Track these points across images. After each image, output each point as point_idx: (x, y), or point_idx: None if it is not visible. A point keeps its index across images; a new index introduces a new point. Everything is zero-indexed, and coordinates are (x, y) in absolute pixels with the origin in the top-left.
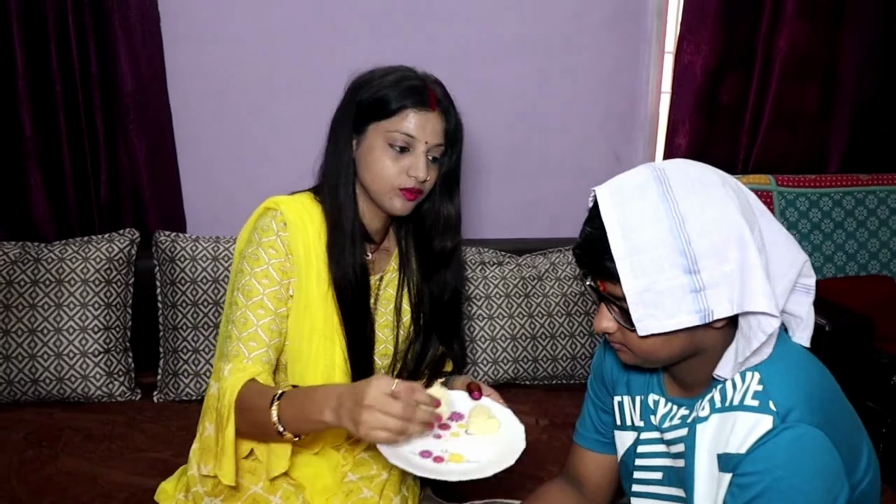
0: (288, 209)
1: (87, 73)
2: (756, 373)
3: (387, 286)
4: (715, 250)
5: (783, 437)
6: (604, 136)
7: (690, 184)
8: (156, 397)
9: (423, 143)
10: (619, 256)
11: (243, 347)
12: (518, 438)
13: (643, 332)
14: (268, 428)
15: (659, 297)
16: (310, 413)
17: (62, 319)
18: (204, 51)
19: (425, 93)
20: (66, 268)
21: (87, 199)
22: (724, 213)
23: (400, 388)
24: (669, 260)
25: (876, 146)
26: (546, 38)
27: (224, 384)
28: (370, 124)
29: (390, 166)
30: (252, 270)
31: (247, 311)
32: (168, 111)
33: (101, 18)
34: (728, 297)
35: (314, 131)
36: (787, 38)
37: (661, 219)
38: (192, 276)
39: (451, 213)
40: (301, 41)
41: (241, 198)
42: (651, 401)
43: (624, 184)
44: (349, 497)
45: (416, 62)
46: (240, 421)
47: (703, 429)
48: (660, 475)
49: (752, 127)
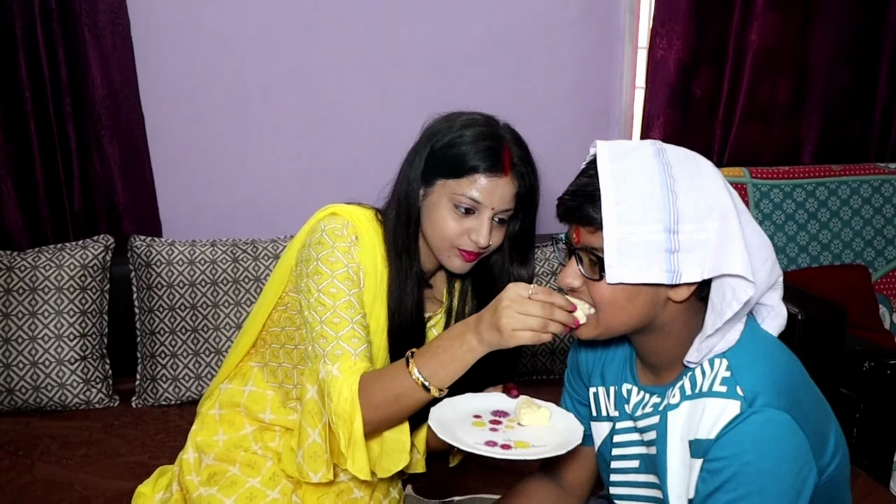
0: (360, 224)
1: (56, 79)
2: (724, 359)
3: (432, 327)
4: (698, 215)
5: (750, 422)
6: (579, 133)
7: (684, 156)
8: (134, 403)
9: (490, 208)
10: (607, 203)
11: (346, 346)
12: (573, 421)
13: (612, 280)
14: (409, 396)
15: (635, 248)
16: (454, 349)
17: (37, 328)
18: (176, 54)
19: (499, 155)
20: (40, 276)
21: (60, 206)
22: (712, 184)
23: (537, 290)
24: (654, 214)
25: (847, 137)
26: (519, 35)
27: (338, 383)
28: (439, 179)
29: (453, 227)
30: (333, 273)
31: (337, 311)
32: (140, 116)
33: (70, 24)
34: (700, 263)
35: (290, 132)
36: (759, 31)
37: (654, 174)
38: (168, 281)
39: (524, 277)
40: (274, 42)
41: (218, 201)
42: (625, 390)
43: (623, 143)
44: (340, 497)
45: (389, 61)
46: (368, 410)
47: (674, 416)
48: (636, 463)
49: (726, 120)
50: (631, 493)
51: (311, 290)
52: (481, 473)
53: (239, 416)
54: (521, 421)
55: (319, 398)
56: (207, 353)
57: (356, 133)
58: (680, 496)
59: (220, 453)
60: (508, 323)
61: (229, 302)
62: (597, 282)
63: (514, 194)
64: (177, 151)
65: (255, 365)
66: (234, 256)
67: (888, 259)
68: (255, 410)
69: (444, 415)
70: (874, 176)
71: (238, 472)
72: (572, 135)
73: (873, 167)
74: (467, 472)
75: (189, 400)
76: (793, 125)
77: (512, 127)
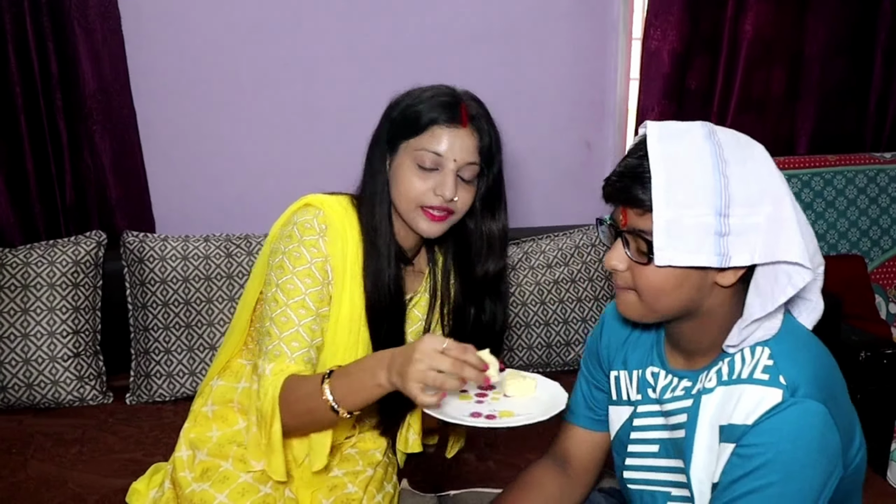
0: (331, 211)
1: (47, 74)
2: (766, 348)
3: (413, 307)
4: (749, 199)
5: (791, 412)
6: (574, 125)
7: (735, 139)
8: (128, 400)
9: (452, 161)
10: (657, 185)
11: (285, 347)
12: (557, 389)
13: (661, 262)
14: (319, 411)
15: (684, 230)
16: (365, 379)
17: (29, 325)
18: (167, 48)
19: (456, 109)
20: (32, 272)
21: (52, 202)
22: (765, 168)
23: (451, 346)
24: (704, 197)
25: (843, 127)
26: (512, 27)
27: (265, 383)
28: (401, 143)
29: (418, 185)
30: (294, 269)
31: (287, 310)
32: (132, 111)
33: (60, 18)
34: (750, 248)
35: (283, 126)
36: (753, 21)
37: (706, 156)
38: (161, 276)
39: (494, 232)
40: (266, 35)
41: (211, 196)
42: (650, 374)
43: (675, 124)
44: (333, 491)
45: (382, 53)
46: (286, 415)
47: (707, 400)
48: (656, 447)
49: (721, 111)
50: (646, 477)
51: (272, 283)
52: (477, 467)
53: (232, 412)
54: (506, 392)
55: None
56: (202, 349)
57: (349, 126)
58: (702, 480)
59: (214, 449)
60: (413, 374)
61: (223, 297)
62: (644, 265)
63: (475, 147)
64: (169, 146)
65: (246, 362)
66: (227, 251)
67: (884, 249)
68: (248, 405)
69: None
70: (869, 166)
71: (231, 468)
72: (566, 127)
73: (868, 157)
74: (463, 466)
75: (183, 396)
76: (788, 116)
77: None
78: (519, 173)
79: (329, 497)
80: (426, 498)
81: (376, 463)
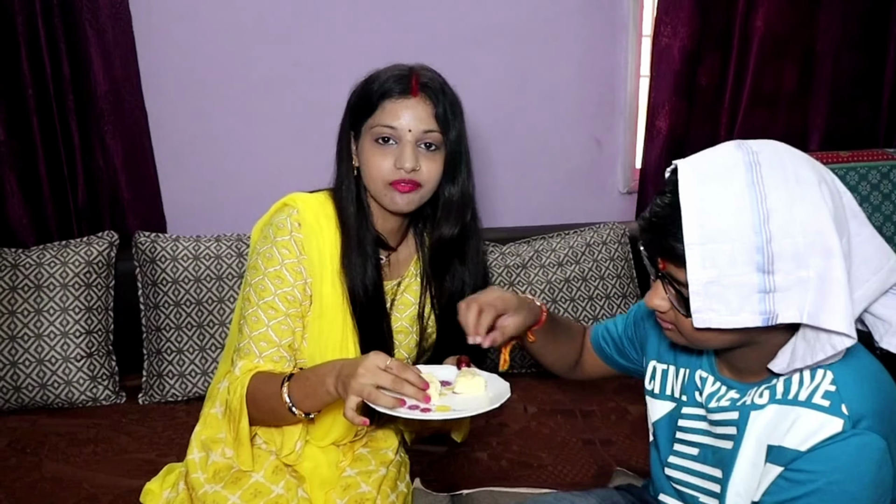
0: (305, 208)
1: (59, 75)
2: (829, 372)
3: (404, 291)
4: (796, 254)
5: (850, 443)
6: (584, 122)
7: (783, 177)
8: (141, 399)
9: (408, 131)
10: (691, 242)
11: (254, 347)
12: (504, 388)
13: (700, 325)
14: (281, 411)
15: (724, 290)
16: (316, 385)
17: (42, 325)
18: (178, 49)
19: (406, 80)
20: (45, 272)
21: (64, 203)
22: (814, 216)
23: (392, 364)
24: (744, 255)
25: (855, 123)
26: (522, 24)
27: (234, 380)
28: (363, 125)
29: (380, 162)
30: (265, 270)
31: (258, 311)
32: (144, 111)
33: (72, 20)
34: (798, 304)
35: (293, 125)
36: (764, 17)
37: (745, 210)
38: (173, 277)
39: (453, 196)
40: (276, 34)
41: (222, 196)
42: (698, 377)
43: (710, 162)
44: (347, 491)
45: (393, 51)
46: (254, 411)
47: (757, 416)
48: (696, 451)
49: (732, 107)
50: (683, 478)
51: (247, 282)
52: (490, 466)
53: None
54: (455, 389)
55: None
56: (213, 349)
57: None
58: (739, 494)
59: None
60: (353, 387)
61: (235, 297)
62: (685, 318)
63: (430, 115)
64: (180, 146)
65: None
66: (238, 251)
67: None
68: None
69: None
70: (883, 162)
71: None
72: (577, 125)
73: (882, 153)
74: (476, 465)
75: (196, 396)
76: (800, 111)
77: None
78: (528, 171)
79: (343, 497)
80: (439, 497)
81: (389, 462)
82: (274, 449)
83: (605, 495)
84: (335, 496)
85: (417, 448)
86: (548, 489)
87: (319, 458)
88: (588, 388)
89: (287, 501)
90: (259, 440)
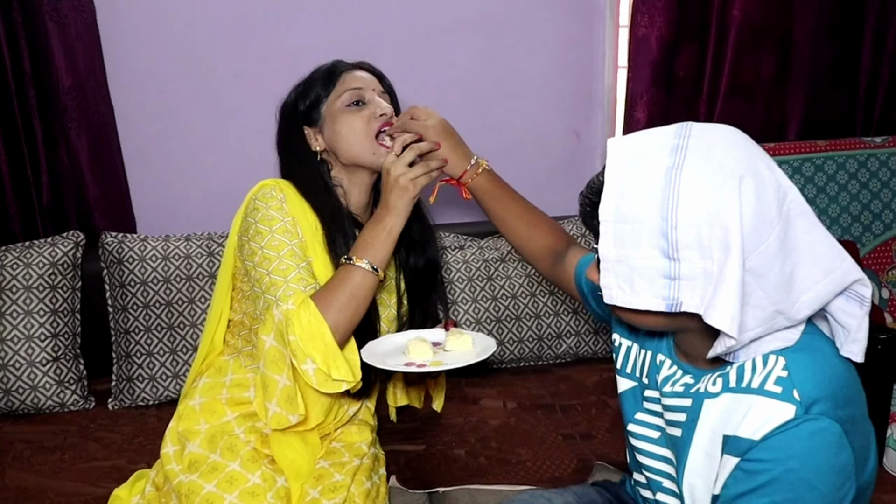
0: (286, 185)
1: (19, 71)
2: (781, 357)
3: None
4: (700, 244)
5: (802, 429)
6: (562, 114)
7: (706, 165)
8: (110, 404)
9: (371, 90)
10: (605, 220)
11: (296, 286)
12: (489, 343)
13: (608, 301)
14: (360, 286)
15: (632, 271)
16: (380, 235)
17: (5, 329)
18: (144, 42)
19: (343, 62)
20: (7, 275)
21: (28, 203)
22: (724, 210)
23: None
24: (651, 239)
25: (833, 112)
26: (497, 15)
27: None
28: (321, 108)
29: (358, 122)
30: (272, 229)
31: (283, 260)
32: (110, 106)
33: (31, 13)
34: (701, 294)
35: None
36: (741, 6)
37: (657, 194)
38: (142, 278)
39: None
40: (245, 27)
41: (193, 192)
42: (658, 360)
43: (640, 142)
44: (320, 481)
45: (365, 44)
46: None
47: (710, 405)
48: (657, 434)
49: (710, 97)
50: (645, 462)
51: (255, 250)
52: (468, 464)
53: (220, 405)
54: (445, 347)
55: (279, 342)
56: (185, 351)
57: None
58: (694, 485)
59: (203, 441)
60: (405, 177)
61: (206, 297)
62: None
63: (378, 80)
64: (149, 142)
65: (229, 357)
66: (209, 250)
67: (875, 234)
68: (238, 393)
69: (381, 347)
70: (860, 150)
71: (219, 458)
72: (554, 117)
73: (859, 141)
74: (453, 463)
75: (167, 400)
76: (777, 101)
77: None
78: (507, 164)
79: (316, 487)
80: (416, 495)
81: (363, 455)
82: (252, 439)
83: (583, 492)
84: (308, 487)
85: (393, 448)
86: (526, 486)
87: (302, 449)
88: (568, 382)
89: (264, 491)
90: (238, 430)
